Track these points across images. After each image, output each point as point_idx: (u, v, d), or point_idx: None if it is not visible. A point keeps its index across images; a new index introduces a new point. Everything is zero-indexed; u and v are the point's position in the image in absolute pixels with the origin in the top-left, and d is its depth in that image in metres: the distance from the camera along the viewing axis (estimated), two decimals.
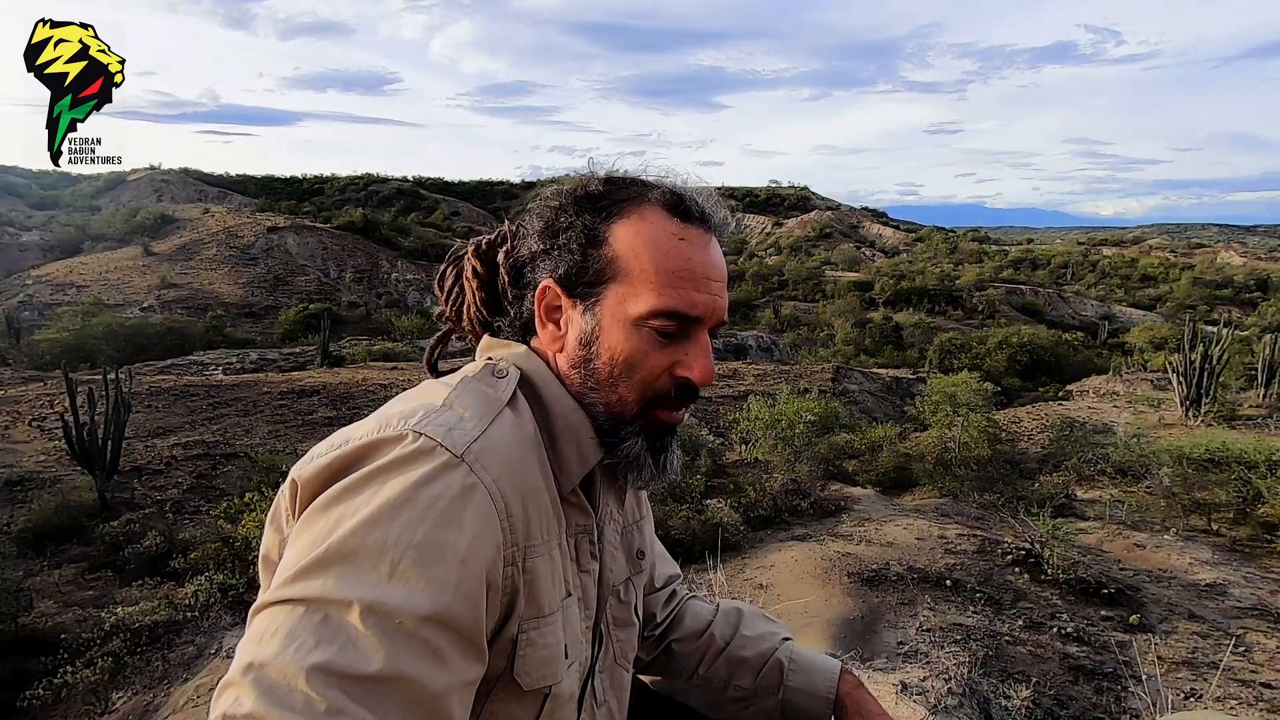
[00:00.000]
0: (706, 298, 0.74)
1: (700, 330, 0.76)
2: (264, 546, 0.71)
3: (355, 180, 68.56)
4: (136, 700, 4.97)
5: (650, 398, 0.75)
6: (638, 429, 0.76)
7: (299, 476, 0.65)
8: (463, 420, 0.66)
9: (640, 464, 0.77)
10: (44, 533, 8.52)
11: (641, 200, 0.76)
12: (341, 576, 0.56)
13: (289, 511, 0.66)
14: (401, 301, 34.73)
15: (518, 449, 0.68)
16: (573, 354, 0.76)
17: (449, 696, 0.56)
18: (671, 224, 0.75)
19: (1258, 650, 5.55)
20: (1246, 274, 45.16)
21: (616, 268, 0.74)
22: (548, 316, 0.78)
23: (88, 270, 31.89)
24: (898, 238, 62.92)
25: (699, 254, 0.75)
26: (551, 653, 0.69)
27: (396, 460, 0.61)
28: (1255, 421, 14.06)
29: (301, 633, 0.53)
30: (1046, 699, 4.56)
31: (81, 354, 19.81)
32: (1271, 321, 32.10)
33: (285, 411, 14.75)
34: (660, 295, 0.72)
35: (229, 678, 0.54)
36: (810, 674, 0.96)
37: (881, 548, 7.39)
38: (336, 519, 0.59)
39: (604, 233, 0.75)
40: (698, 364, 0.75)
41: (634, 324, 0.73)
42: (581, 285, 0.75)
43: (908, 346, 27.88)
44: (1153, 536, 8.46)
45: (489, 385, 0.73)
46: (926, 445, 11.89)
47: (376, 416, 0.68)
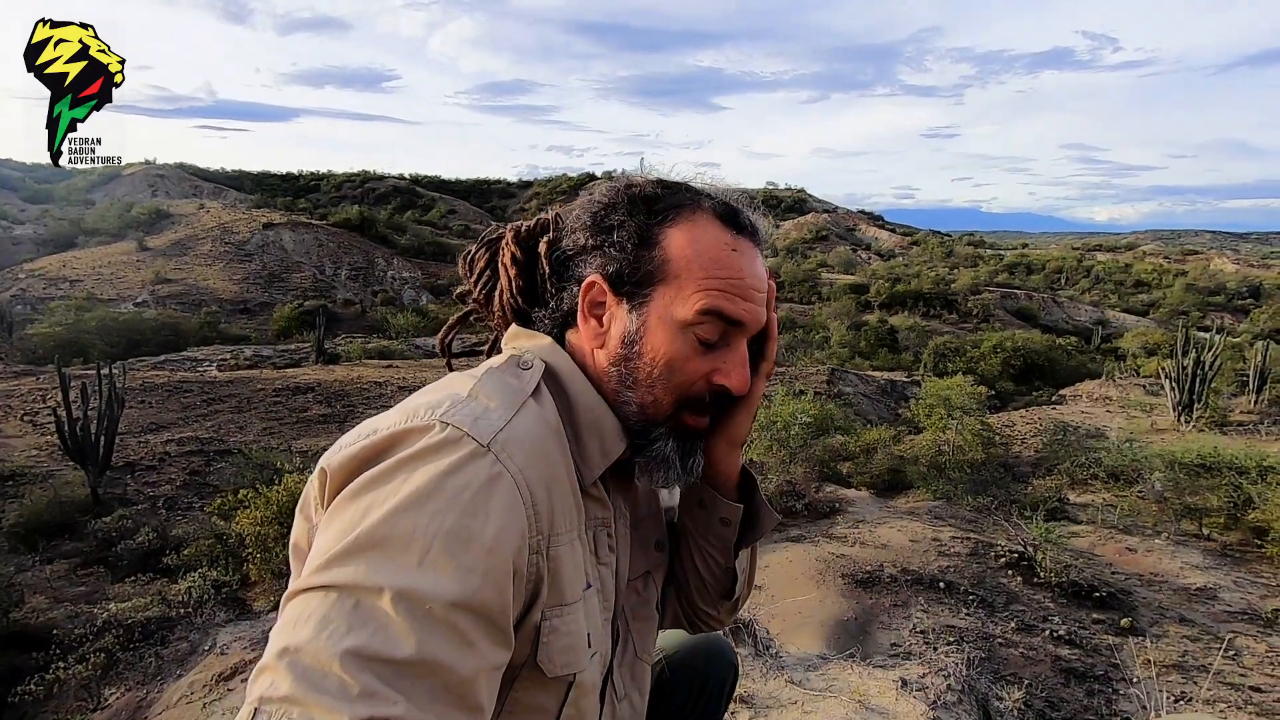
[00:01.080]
0: (751, 307, 0.76)
1: (740, 339, 0.78)
2: (294, 535, 0.72)
3: (352, 177, 68.42)
4: (129, 696, 4.95)
5: (683, 402, 0.77)
6: (668, 431, 0.77)
7: (328, 465, 0.66)
8: (488, 410, 0.67)
9: (668, 465, 0.78)
10: (36, 528, 8.48)
11: (696, 207, 0.77)
12: (372, 563, 0.57)
13: (318, 500, 0.67)
14: (397, 299, 34.64)
15: (542, 439, 0.69)
16: (614, 352, 0.77)
17: (477, 681, 0.58)
18: (725, 234, 0.77)
19: (1247, 654, 5.59)
20: (1239, 281, 45.49)
21: (668, 270, 0.75)
22: (590, 312, 0.78)
23: (81, 265, 31.73)
24: (894, 241, 63.13)
25: (749, 265, 0.77)
26: (574, 640, 0.70)
27: (424, 449, 0.62)
28: (1247, 427, 14.15)
29: (334, 618, 0.55)
30: (1038, 701, 4.59)
31: (75, 349, 19.71)
32: (1264, 328, 32.31)
33: (279, 408, 14.71)
34: (709, 299, 0.74)
35: (264, 662, 0.55)
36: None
37: (875, 550, 7.41)
38: (366, 507, 0.60)
39: (657, 235, 0.76)
40: (735, 372, 0.77)
41: (680, 327, 0.75)
42: (630, 285, 0.76)
43: (903, 350, 27.96)
44: (1144, 540, 8.51)
45: (514, 376, 0.73)
46: (921, 448, 11.92)
47: (403, 407, 0.69)
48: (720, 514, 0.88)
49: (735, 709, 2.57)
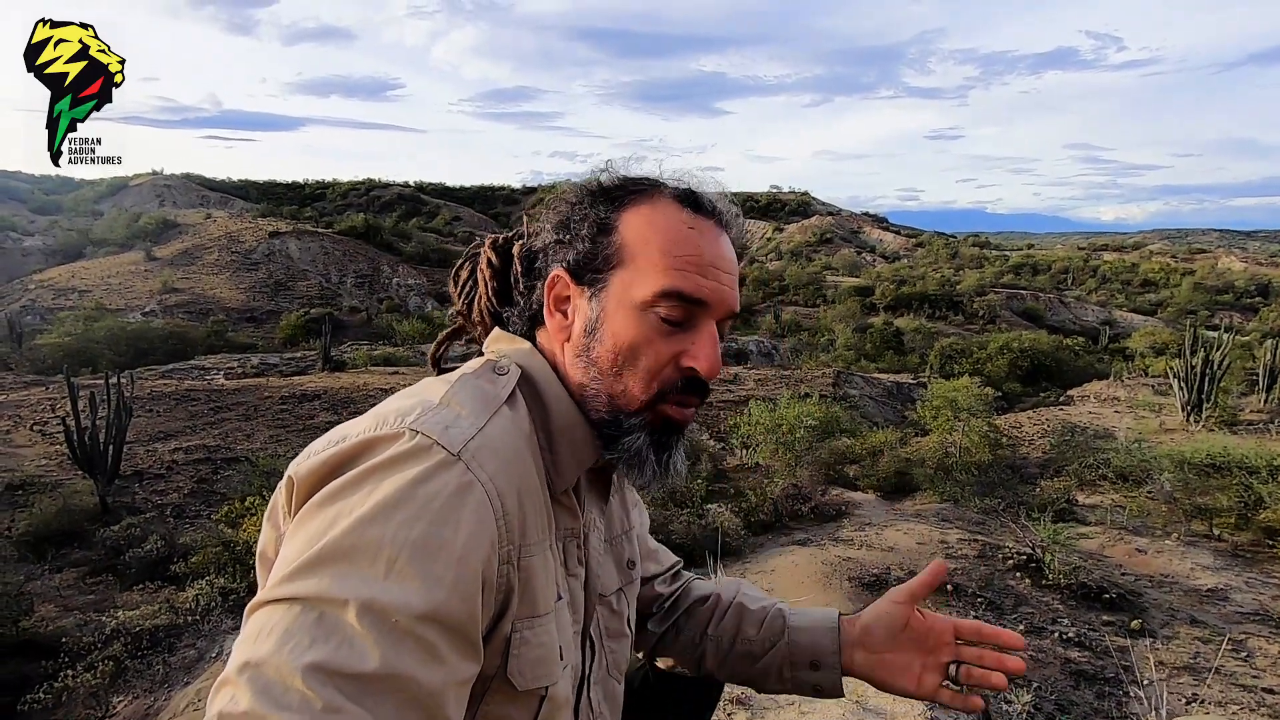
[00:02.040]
0: (714, 285, 0.73)
1: (707, 319, 0.75)
2: (261, 543, 0.70)
3: (357, 185, 68.78)
4: (137, 704, 4.98)
5: (656, 390, 0.74)
6: (642, 423, 0.74)
7: (296, 473, 0.64)
8: (459, 418, 0.66)
9: (642, 460, 0.74)
10: (45, 537, 8.53)
11: (654, 193, 0.77)
12: (337, 574, 0.55)
13: (286, 508, 0.65)
14: (403, 306, 34.77)
15: (514, 447, 0.68)
16: (577, 342, 0.75)
17: (445, 694, 0.56)
18: (683, 214, 0.75)
19: (1259, 655, 5.54)
20: (1247, 279, 45.21)
21: (624, 253, 0.74)
22: (556, 306, 0.77)
23: (90, 275, 31.99)
24: (898, 243, 63.00)
25: (708, 243, 0.75)
26: (545, 653, 0.68)
27: (393, 458, 0.61)
28: (1257, 426, 14.05)
29: (297, 631, 0.53)
30: (1047, 704, 4.55)
31: (83, 358, 19.85)
32: (1273, 327, 32.09)
33: (286, 416, 14.77)
34: (666, 276, 0.72)
35: (225, 676, 0.53)
36: (811, 614, 0.98)
37: (882, 552, 7.38)
38: (333, 516, 0.59)
39: (614, 221, 0.75)
40: (704, 354, 0.73)
41: (639, 309, 0.73)
42: (590, 272, 0.75)
43: (908, 351, 27.89)
44: (1154, 541, 8.45)
45: (488, 382, 0.72)
46: (927, 450, 11.88)
47: (374, 413, 0.68)
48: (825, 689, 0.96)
49: (732, 710, 2.56)
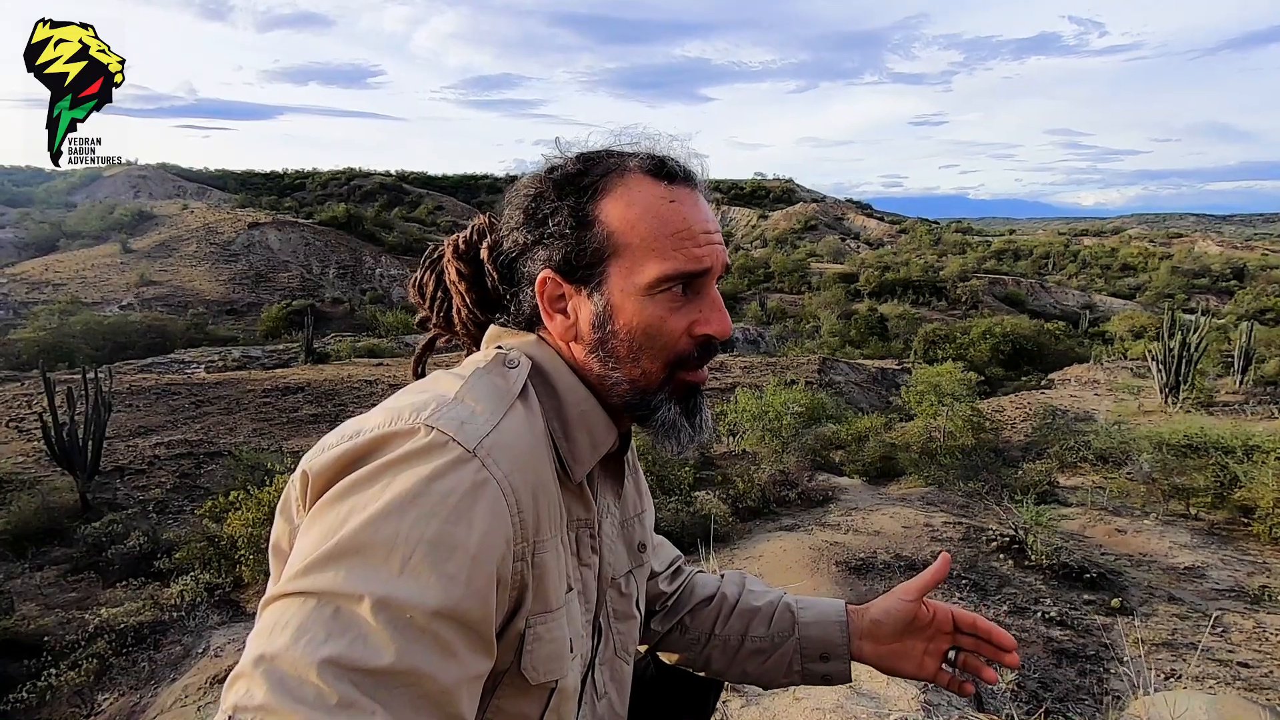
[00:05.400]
0: (707, 250, 0.75)
1: (709, 284, 0.76)
2: (274, 536, 0.71)
3: (337, 175, 67.74)
4: (123, 701, 4.93)
5: (673, 362, 0.76)
6: (667, 394, 0.76)
7: (310, 467, 0.64)
8: (475, 414, 0.66)
9: (678, 428, 0.77)
10: (25, 535, 8.41)
11: (623, 171, 0.76)
12: (353, 570, 0.56)
13: (300, 502, 0.66)
14: (386, 297, 34.43)
15: (529, 442, 0.68)
16: (588, 338, 0.75)
17: (458, 690, 0.57)
18: (658, 188, 0.75)
19: (1235, 630, 5.67)
20: (1223, 263, 45.89)
21: (614, 243, 0.74)
22: (553, 307, 0.77)
23: (64, 268, 31.34)
24: (882, 229, 63.25)
25: (692, 211, 0.75)
26: (558, 648, 0.69)
27: (408, 454, 0.61)
28: (1232, 407, 14.33)
29: (312, 626, 0.54)
30: (1031, 682, 4.64)
31: (59, 353, 19.49)
32: (1248, 309, 32.67)
33: (269, 409, 14.62)
34: (666, 260, 0.73)
35: (240, 669, 0.54)
36: (819, 607, 0.99)
37: (868, 536, 7.46)
38: (348, 512, 0.59)
39: (592, 212, 0.74)
40: (715, 318, 0.76)
41: (645, 294, 0.73)
42: (581, 269, 0.74)
43: (893, 338, 28.10)
44: (1133, 521, 8.61)
45: (500, 377, 0.72)
46: (912, 435, 12.01)
47: (388, 408, 0.67)
48: (834, 678, 0.97)
49: (727, 697, 2.59)
